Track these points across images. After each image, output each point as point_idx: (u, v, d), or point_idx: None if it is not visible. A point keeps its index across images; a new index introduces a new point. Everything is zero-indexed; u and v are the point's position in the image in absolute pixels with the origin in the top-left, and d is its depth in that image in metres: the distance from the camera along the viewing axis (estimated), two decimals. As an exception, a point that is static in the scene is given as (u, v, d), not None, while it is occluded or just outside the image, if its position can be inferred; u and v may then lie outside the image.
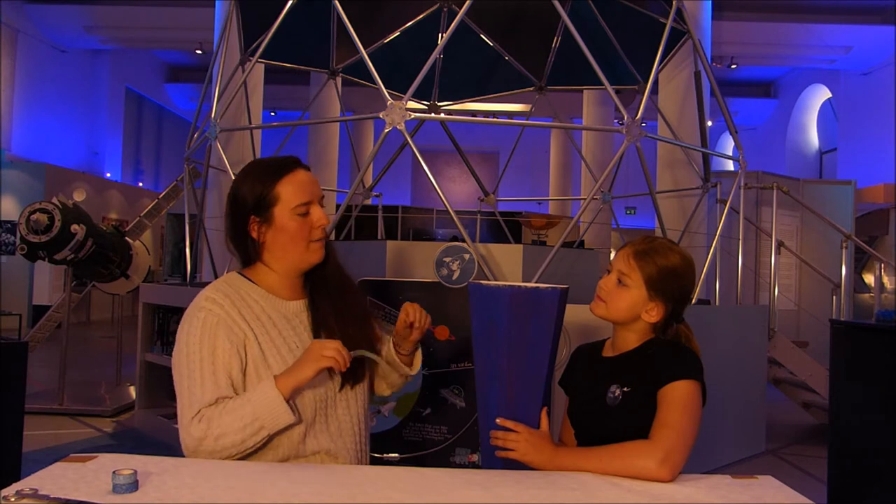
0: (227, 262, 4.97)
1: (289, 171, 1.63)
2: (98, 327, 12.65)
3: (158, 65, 18.25)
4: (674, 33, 4.92)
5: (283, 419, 1.49)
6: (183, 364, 1.54)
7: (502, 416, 1.60)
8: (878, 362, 3.18)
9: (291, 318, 1.64)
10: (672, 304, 1.65)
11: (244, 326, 1.57)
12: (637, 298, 1.64)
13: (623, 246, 1.71)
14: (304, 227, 1.62)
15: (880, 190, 12.44)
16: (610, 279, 1.68)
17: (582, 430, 1.70)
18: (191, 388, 1.51)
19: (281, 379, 1.51)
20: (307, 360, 1.51)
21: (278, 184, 1.61)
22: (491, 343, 1.64)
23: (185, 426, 1.49)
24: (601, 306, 1.68)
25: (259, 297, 1.62)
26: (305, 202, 1.62)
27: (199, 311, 1.57)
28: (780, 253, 6.26)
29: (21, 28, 13.08)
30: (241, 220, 1.63)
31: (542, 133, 18.70)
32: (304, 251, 1.63)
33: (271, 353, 1.57)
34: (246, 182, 1.64)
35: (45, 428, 5.09)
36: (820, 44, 13.52)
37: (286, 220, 1.61)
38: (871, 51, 13.37)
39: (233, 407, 1.49)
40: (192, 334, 1.55)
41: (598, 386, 1.67)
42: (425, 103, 7.02)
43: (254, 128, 6.45)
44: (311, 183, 1.65)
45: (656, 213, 4.72)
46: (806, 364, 5.67)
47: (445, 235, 13.40)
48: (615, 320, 1.68)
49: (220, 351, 1.53)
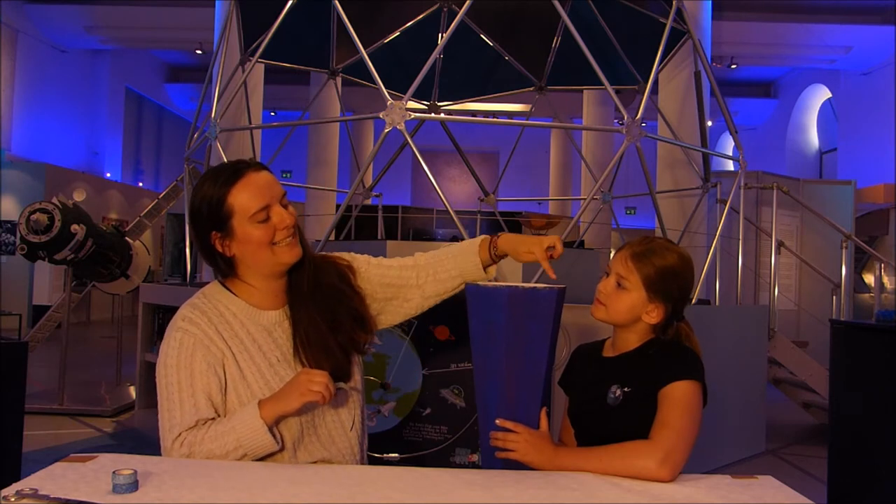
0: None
1: (239, 177, 1.53)
2: (98, 327, 12.65)
3: (158, 65, 18.25)
4: (674, 33, 4.92)
5: (266, 447, 1.48)
6: (162, 385, 1.52)
7: (502, 417, 1.59)
8: (878, 362, 3.18)
9: (272, 328, 1.60)
10: (672, 304, 1.65)
11: (222, 346, 1.54)
12: (636, 300, 1.64)
13: (621, 248, 1.71)
14: (267, 233, 1.54)
15: (880, 190, 12.44)
16: (609, 282, 1.68)
17: (582, 431, 1.70)
18: (171, 411, 1.50)
19: (265, 406, 1.48)
20: (293, 391, 1.47)
21: (230, 194, 1.52)
22: (489, 344, 1.63)
23: (167, 449, 1.49)
24: (601, 309, 1.68)
25: (238, 311, 1.59)
26: (262, 207, 1.53)
27: (176, 331, 1.55)
28: (780, 253, 6.25)
29: (21, 28, 13.08)
30: (203, 236, 1.56)
31: (542, 133, 18.70)
32: (271, 255, 1.56)
33: (250, 371, 1.55)
34: (197, 195, 1.55)
35: (45, 428, 5.09)
36: (820, 44, 13.53)
37: (247, 230, 1.53)
38: (871, 51, 13.37)
39: (215, 434, 1.47)
40: (169, 356, 1.53)
41: (598, 386, 1.66)
42: (425, 103, 7.02)
43: (254, 128, 6.46)
44: (266, 185, 1.55)
45: (656, 213, 4.72)
46: (806, 364, 5.67)
47: (445, 235, 13.39)
48: (616, 323, 1.68)
49: (197, 373, 1.51)
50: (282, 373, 1.57)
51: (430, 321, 3.61)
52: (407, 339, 3.63)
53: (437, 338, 3.60)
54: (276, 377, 1.56)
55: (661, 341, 1.67)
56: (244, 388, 1.54)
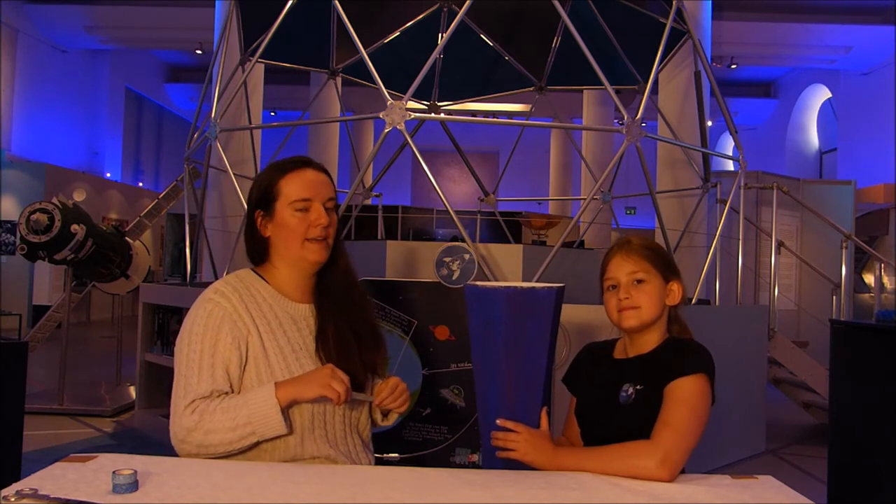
0: (227, 262, 4.97)
1: (296, 167, 1.65)
2: (98, 327, 12.64)
3: (158, 65, 18.25)
4: (674, 33, 4.92)
5: (276, 429, 1.49)
6: (184, 352, 1.55)
7: (502, 417, 1.59)
8: (878, 362, 3.18)
9: (298, 320, 1.64)
10: (677, 276, 1.70)
11: (249, 322, 1.57)
12: (659, 286, 1.67)
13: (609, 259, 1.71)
14: (302, 223, 1.61)
15: (880, 190, 12.44)
16: (626, 287, 1.66)
17: (589, 430, 1.70)
18: (188, 378, 1.52)
19: (282, 388, 1.50)
20: (314, 381, 1.50)
21: (282, 179, 1.63)
22: (489, 344, 1.63)
23: (178, 413, 1.50)
24: (632, 315, 1.65)
25: (268, 296, 1.63)
26: (305, 198, 1.61)
27: (206, 302, 1.58)
28: (780, 253, 6.26)
29: (21, 28, 13.08)
30: (250, 212, 1.66)
31: (542, 133, 18.70)
32: (300, 248, 1.61)
33: (273, 352, 1.57)
34: (260, 176, 1.69)
35: (45, 428, 5.09)
36: (820, 44, 13.53)
37: (285, 215, 1.61)
38: (871, 51, 13.37)
39: (228, 406, 1.48)
40: (196, 324, 1.56)
41: (610, 387, 1.66)
42: (425, 103, 7.02)
43: (254, 128, 6.45)
44: (316, 182, 1.64)
45: (656, 213, 4.71)
46: (806, 364, 5.67)
47: (445, 235, 13.40)
48: (651, 320, 1.66)
49: (221, 345, 1.54)
50: (303, 360, 1.60)
51: (430, 321, 3.61)
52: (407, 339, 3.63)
53: (437, 338, 3.61)
54: (297, 363, 1.59)
55: (675, 340, 1.68)
56: (265, 367, 1.56)
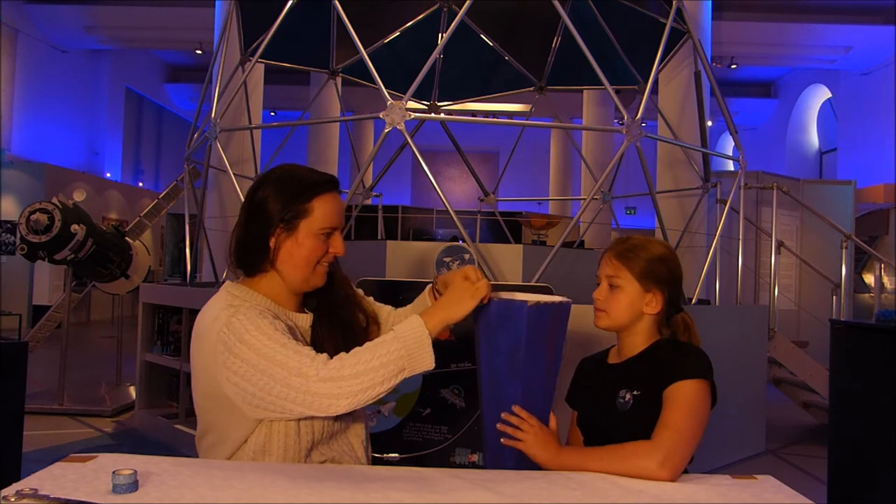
0: (227, 262, 4.97)
1: (327, 190, 1.58)
2: (98, 327, 12.64)
3: (158, 65, 18.25)
4: (674, 33, 4.92)
5: (426, 362, 1.42)
6: (254, 358, 1.42)
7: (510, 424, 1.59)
8: (878, 362, 3.18)
9: (295, 329, 1.61)
10: (667, 288, 1.66)
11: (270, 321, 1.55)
12: (633, 295, 1.65)
13: (601, 255, 1.72)
14: (320, 248, 1.57)
15: (880, 190, 12.44)
16: (602, 288, 1.69)
17: (592, 436, 1.70)
18: (286, 357, 1.40)
19: (429, 316, 1.44)
20: (463, 296, 1.46)
21: (315, 199, 1.55)
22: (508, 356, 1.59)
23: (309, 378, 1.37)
24: (603, 317, 1.68)
25: (268, 306, 1.59)
26: (332, 226, 1.57)
27: (231, 317, 1.48)
28: (780, 253, 6.25)
29: (21, 28, 13.08)
30: (263, 227, 1.55)
31: (542, 133, 18.70)
32: (310, 273, 1.57)
33: None
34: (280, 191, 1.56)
35: (45, 428, 5.09)
36: (820, 44, 13.52)
37: (308, 238, 1.55)
38: (871, 51, 13.36)
39: (371, 345, 1.41)
40: (245, 331, 1.45)
41: (607, 393, 1.67)
42: (425, 103, 7.02)
43: (254, 128, 6.46)
44: (342, 210, 1.62)
45: (656, 213, 4.71)
46: (806, 364, 5.67)
47: (445, 235, 13.40)
48: (620, 325, 1.68)
49: (279, 330, 1.47)
50: None
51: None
52: (407, 339, 3.62)
53: (437, 338, 3.60)
54: None
55: (667, 341, 1.67)
56: None
